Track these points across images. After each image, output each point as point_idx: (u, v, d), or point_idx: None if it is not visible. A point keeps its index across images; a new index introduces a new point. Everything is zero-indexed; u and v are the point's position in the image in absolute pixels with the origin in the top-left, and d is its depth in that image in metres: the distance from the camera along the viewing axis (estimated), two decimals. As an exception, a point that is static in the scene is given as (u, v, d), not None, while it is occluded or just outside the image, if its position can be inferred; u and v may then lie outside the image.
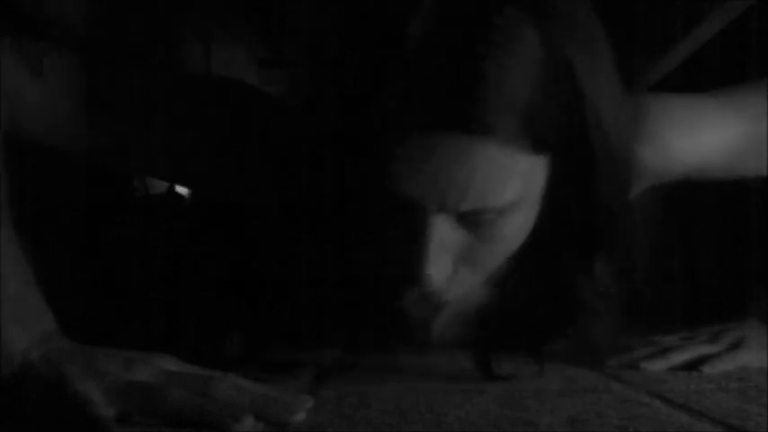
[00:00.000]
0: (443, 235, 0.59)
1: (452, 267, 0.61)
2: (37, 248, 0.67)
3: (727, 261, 1.07)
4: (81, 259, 0.84)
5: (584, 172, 0.61)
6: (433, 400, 0.62)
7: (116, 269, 0.88)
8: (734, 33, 1.14)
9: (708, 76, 1.39)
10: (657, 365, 0.75)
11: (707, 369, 0.74)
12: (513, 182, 0.58)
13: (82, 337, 0.57)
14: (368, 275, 0.64)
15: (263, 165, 0.67)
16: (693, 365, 0.75)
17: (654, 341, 0.81)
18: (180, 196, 0.96)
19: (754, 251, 1.00)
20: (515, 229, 0.62)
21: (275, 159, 0.66)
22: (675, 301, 1.10)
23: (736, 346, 0.77)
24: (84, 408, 0.52)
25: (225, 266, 0.79)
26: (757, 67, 1.33)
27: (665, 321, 1.15)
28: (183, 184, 0.79)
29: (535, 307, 0.68)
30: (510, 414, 0.57)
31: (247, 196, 0.70)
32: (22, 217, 0.62)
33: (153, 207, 0.93)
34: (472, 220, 0.59)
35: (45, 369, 0.53)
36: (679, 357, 0.76)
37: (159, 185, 1.01)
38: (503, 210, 0.59)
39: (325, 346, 0.73)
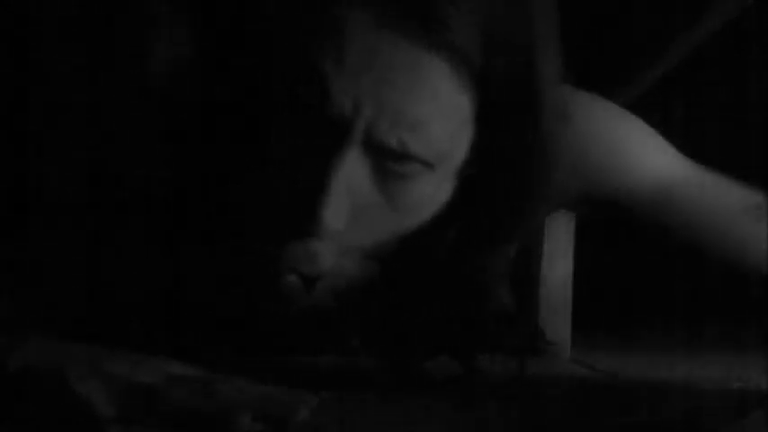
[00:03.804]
0: (352, 175, 0.51)
1: (346, 223, 0.52)
2: (37, 248, 0.67)
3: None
4: (81, 259, 0.84)
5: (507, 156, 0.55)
6: (433, 401, 0.62)
7: (116, 269, 0.87)
8: (733, 33, 1.14)
9: (707, 75, 1.39)
10: None
11: None
12: (444, 129, 0.52)
13: (82, 337, 0.57)
14: (248, 219, 0.57)
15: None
16: None
17: None
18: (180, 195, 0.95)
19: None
20: (424, 199, 0.56)
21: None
22: (675, 300, 1.10)
23: None
24: (85, 408, 0.51)
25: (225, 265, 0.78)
26: (756, 66, 1.33)
27: (665, 321, 1.15)
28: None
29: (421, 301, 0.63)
30: (511, 415, 0.58)
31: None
32: (23, 216, 0.62)
33: (153, 207, 0.93)
34: (389, 170, 0.53)
35: (45, 369, 0.53)
36: None
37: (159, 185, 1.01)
38: (425, 162, 0.52)
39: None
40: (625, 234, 0.78)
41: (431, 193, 0.56)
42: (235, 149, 0.57)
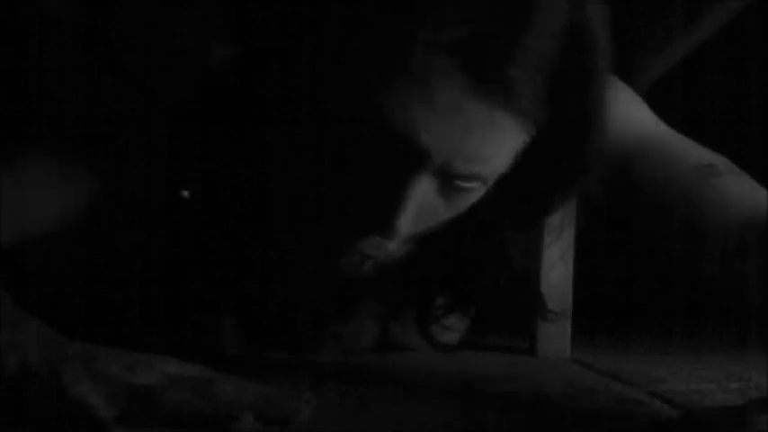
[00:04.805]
0: (424, 194, 0.58)
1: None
2: (38, 248, 0.67)
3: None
4: (81, 259, 0.84)
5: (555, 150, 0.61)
6: (433, 401, 0.62)
7: (116, 269, 0.87)
8: (733, 33, 1.14)
9: (707, 74, 1.39)
10: None
11: None
12: (508, 157, 0.58)
13: (82, 337, 0.57)
14: (332, 218, 0.63)
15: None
16: None
17: None
18: (180, 196, 0.95)
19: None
20: (475, 200, 0.62)
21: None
22: (675, 300, 1.10)
23: None
24: (84, 410, 0.51)
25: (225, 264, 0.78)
26: (756, 66, 1.33)
27: (664, 321, 1.15)
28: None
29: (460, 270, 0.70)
30: (510, 415, 0.58)
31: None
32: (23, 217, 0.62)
33: (152, 207, 0.93)
34: (454, 186, 0.59)
35: (44, 371, 0.53)
36: None
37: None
38: (485, 181, 0.59)
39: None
40: (625, 234, 0.78)
41: (483, 192, 0.62)
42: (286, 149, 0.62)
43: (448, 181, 0.58)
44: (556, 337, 0.90)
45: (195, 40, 0.69)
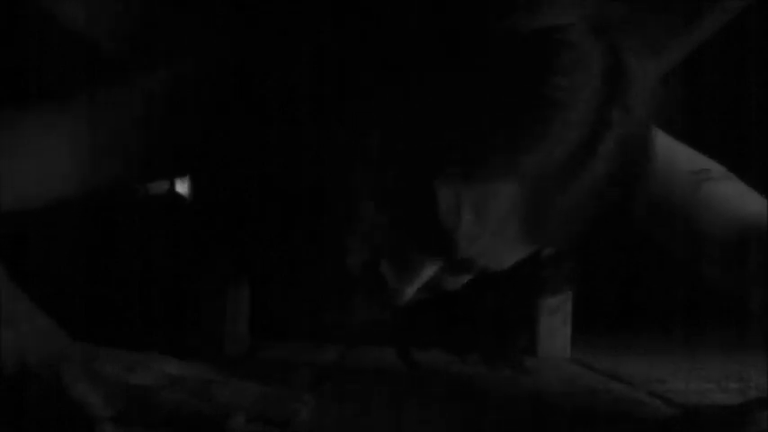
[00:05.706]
0: (432, 270, 0.59)
1: None
2: (38, 249, 0.67)
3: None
4: (81, 260, 0.84)
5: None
6: (434, 401, 0.62)
7: (116, 269, 0.88)
8: (734, 32, 1.14)
9: (707, 74, 1.39)
10: None
11: None
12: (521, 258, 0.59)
13: (82, 337, 0.57)
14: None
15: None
16: None
17: None
18: (180, 196, 0.96)
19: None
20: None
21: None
22: (675, 300, 1.10)
23: None
24: (82, 409, 0.51)
25: (226, 264, 0.78)
26: (756, 66, 1.33)
27: (664, 321, 1.15)
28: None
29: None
30: (510, 415, 0.58)
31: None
32: (22, 219, 0.62)
33: (153, 207, 0.93)
34: (461, 270, 0.59)
35: (44, 371, 0.53)
36: None
37: (159, 186, 1.01)
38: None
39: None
40: (625, 233, 0.78)
41: None
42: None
43: (456, 266, 0.58)
44: (556, 338, 0.90)
45: (195, 40, 0.69)
